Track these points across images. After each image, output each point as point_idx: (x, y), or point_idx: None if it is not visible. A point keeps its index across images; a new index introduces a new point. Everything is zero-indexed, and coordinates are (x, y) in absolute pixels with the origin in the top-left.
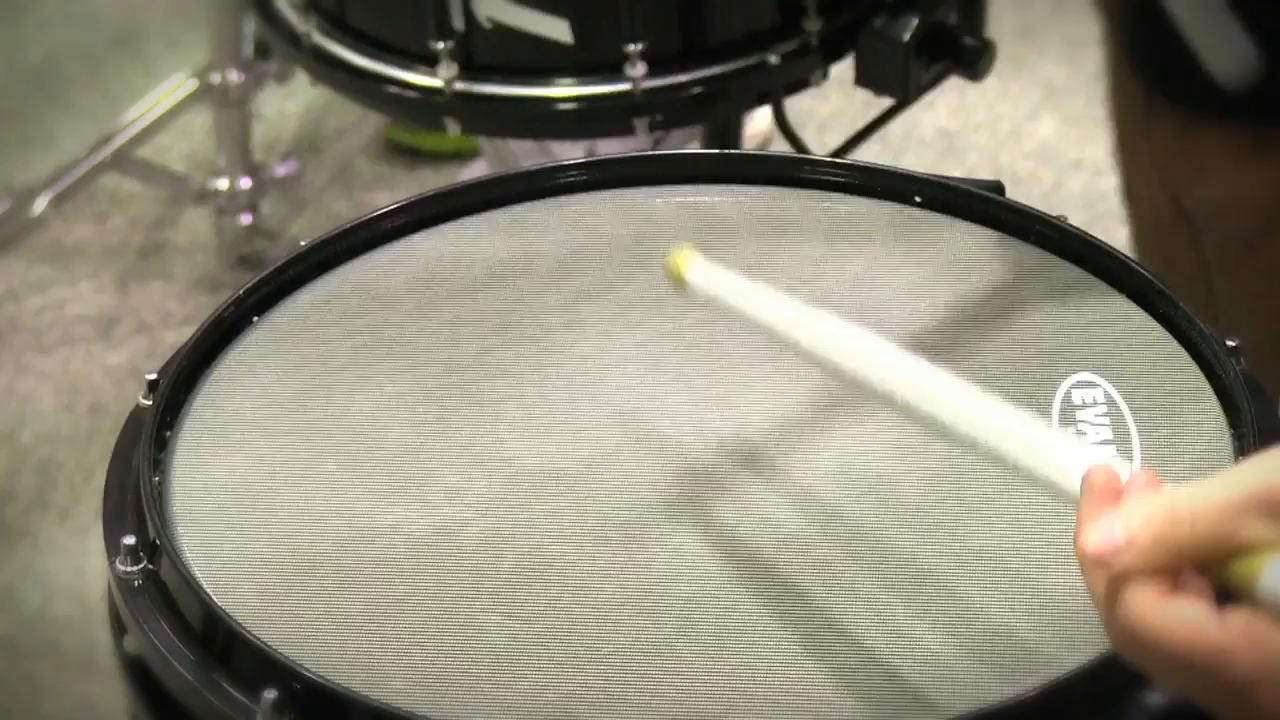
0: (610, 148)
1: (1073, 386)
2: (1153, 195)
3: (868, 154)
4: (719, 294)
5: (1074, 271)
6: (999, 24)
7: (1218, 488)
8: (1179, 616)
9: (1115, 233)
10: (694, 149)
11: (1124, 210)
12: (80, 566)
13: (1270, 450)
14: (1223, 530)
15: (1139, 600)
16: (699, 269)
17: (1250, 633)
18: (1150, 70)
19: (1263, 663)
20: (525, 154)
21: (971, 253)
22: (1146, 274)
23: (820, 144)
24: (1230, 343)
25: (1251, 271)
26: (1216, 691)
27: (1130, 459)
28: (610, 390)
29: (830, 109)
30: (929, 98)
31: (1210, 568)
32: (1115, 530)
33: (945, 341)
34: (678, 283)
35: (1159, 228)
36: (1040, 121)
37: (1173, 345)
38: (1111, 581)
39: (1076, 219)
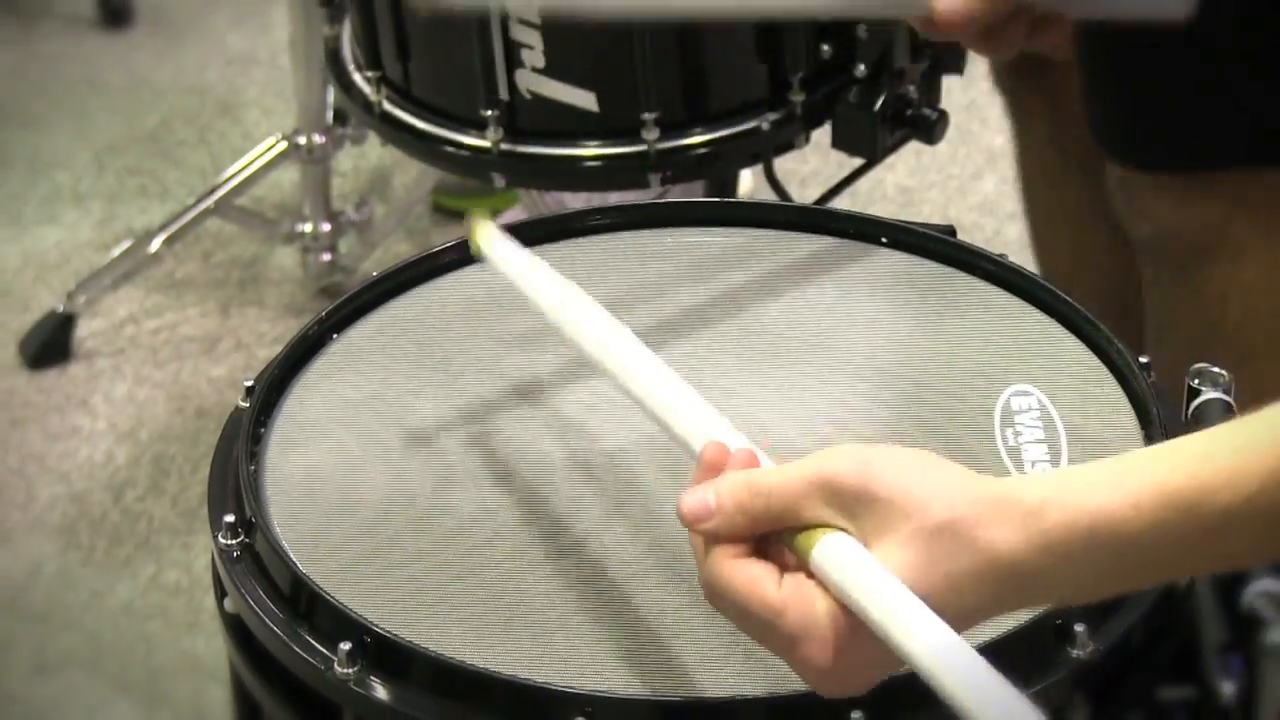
0: (627, 198)
1: (1011, 395)
2: (1076, 237)
3: (840, 204)
4: (508, 267)
5: (1013, 300)
6: (949, 98)
7: (793, 472)
8: (746, 575)
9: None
10: (698, 198)
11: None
12: (187, 543)
13: (844, 445)
14: (791, 507)
15: (718, 558)
16: (495, 241)
17: (799, 595)
18: (1102, 137)
19: (805, 620)
20: (556, 203)
21: (928, 284)
22: (1073, 303)
23: (801, 196)
24: (1142, 359)
25: (1183, 291)
26: (772, 640)
27: (1059, 456)
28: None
29: (810, 167)
30: (891, 159)
31: (783, 536)
32: (707, 497)
33: (904, 356)
34: (475, 249)
35: (1080, 265)
36: (983, 180)
37: (1095, 361)
38: (703, 541)
39: (1013, 259)
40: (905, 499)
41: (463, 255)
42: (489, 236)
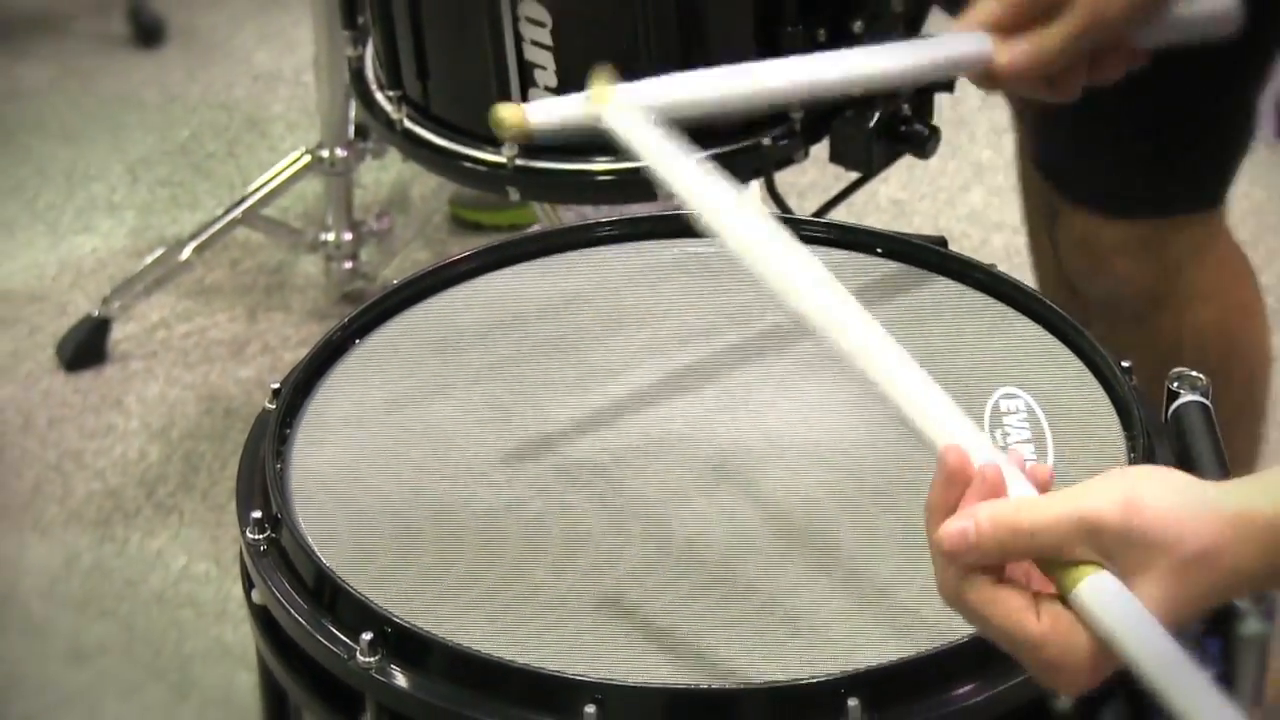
0: (634, 210)
1: (1000, 397)
2: (1048, 276)
3: (837, 216)
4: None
5: (1002, 307)
6: (940, 115)
7: (1055, 507)
8: (1008, 607)
9: (1029, 276)
10: None
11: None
12: (216, 535)
13: (1102, 479)
14: (1053, 546)
15: (976, 587)
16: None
17: (1058, 628)
18: (1055, 174)
19: (1064, 652)
20: (577, 215)
21: (921, 292)
22: (1060, 310)
23: (800, 208)
24: (1125, 364)
25: (1138, 339)
26: (1030, 664)
27: (1045, 455)
28: (635, 397)
29: (808, 180)
30: (885, 172)
31: (1042, 566)
32: (967, 530)
33: None
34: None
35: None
36: (971, 192)
37: (1079, 365)
38: (955, 569)
39: (1001, 268)
40: (1162, 535)
41: (478, 265)
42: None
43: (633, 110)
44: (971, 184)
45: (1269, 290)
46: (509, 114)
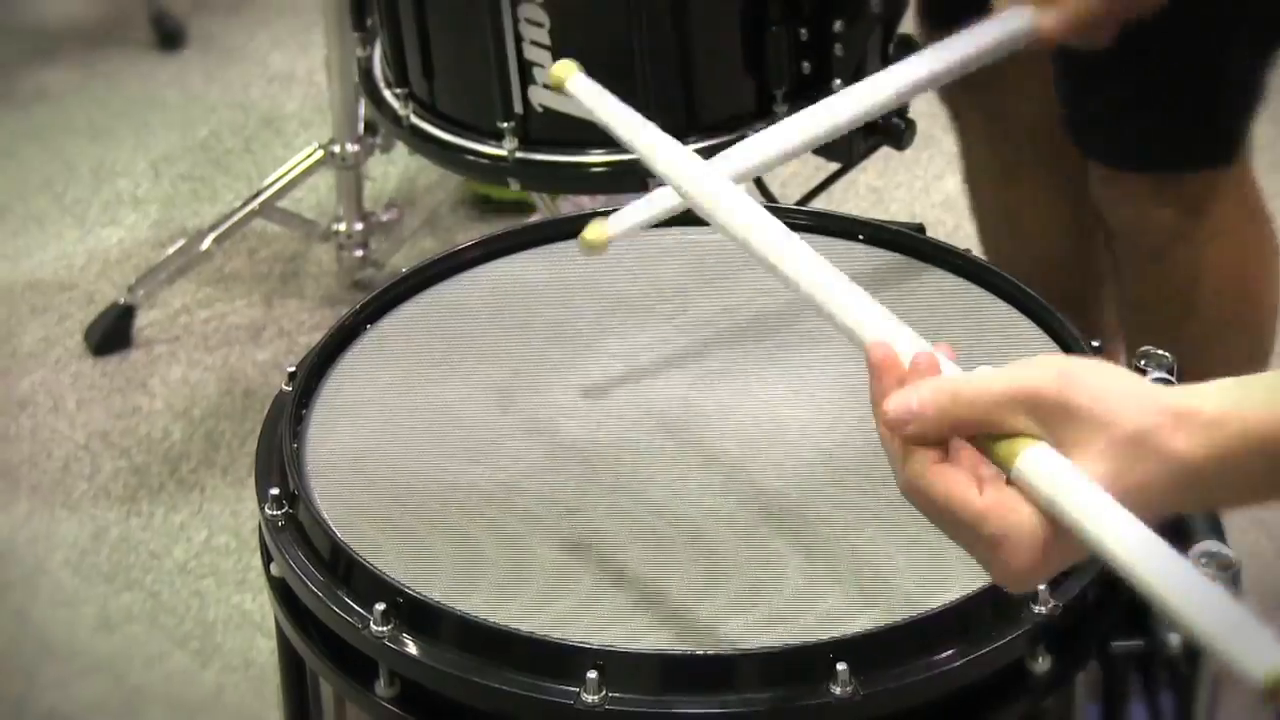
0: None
1: None
2: (1017, 232)
3: (819, 204)
4: (595, 106)
5: (977, 290)
6: (915, 108)
7: (994, 381)
8: (949, 482)
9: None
10: None
11: (992, 246)
12: (236, 509)
13: (1039, 356)
14: (992, 417)
15: (919, 462)
16: (580, 83)
17: (1000, 503)
18: (1078, 137)
19: (1006, 527)
20: (574, 205)
21: (901, 276)
22: (1031, 292)
23: (784, 196)
24: (1095, 343)
25: (1158, 277)
26: (973, 545)
27: None
28: (631, 379)
29: (791, 170)
30: (864, 163)
31: (978, 440)
32: (910, 402)
33: None
34: (557, 86)
35: (1022, 256)
36: (945, 180)
37: (1052, 345)
38: (901, 443)
39: (976, 252)
40: (1102, 411)
41: (483, 253)
42: (572, 75)
43: (592, 85)
44: (946, 173)
45: None
46: (595, 234)
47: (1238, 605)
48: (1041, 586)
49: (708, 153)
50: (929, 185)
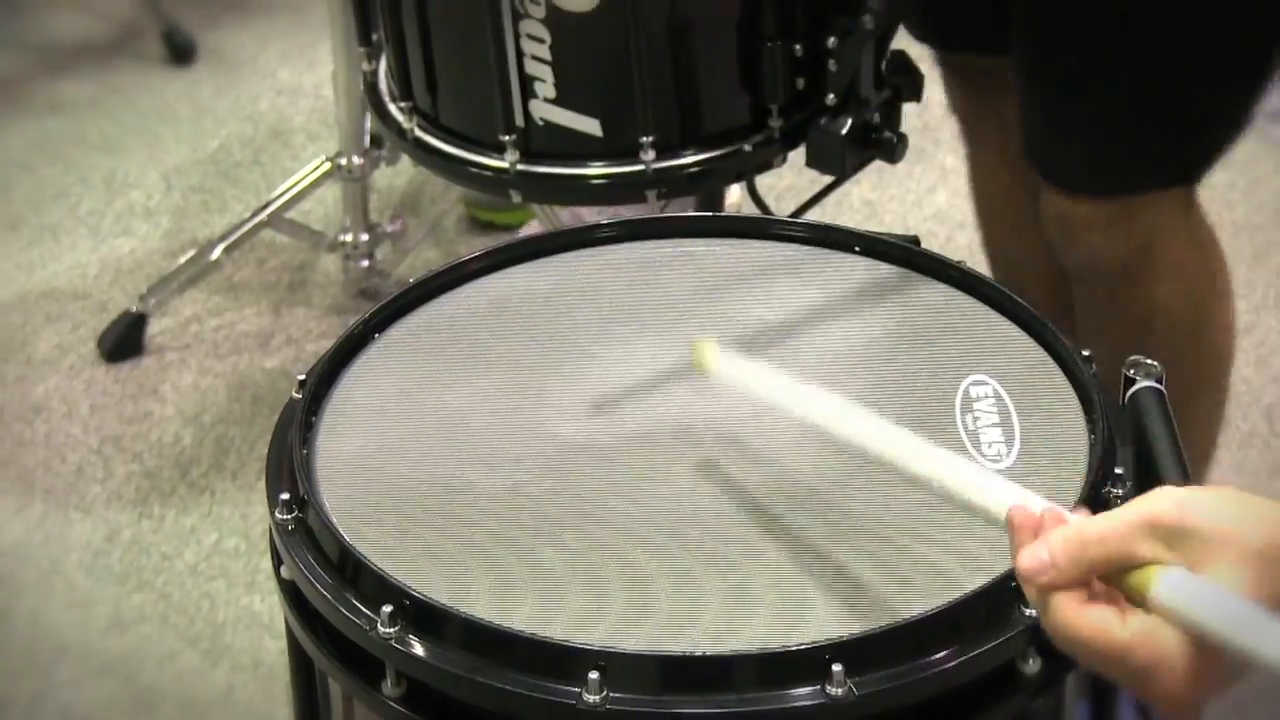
0: (627, 212)
1: (970, 384)
2: (1024, 257)
3: (813, 216)
4: (738, 377)
5: (971, 301)
6: (908, 122)
7: (1115, 516)
8: (1091, 620)
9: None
10: (690, 212)
11: (995, 265)
12: (245, 513)
13: (1159, 489)
14: (1121, 549)
15: (1061, 608)
16: (720, 359)
17: (1144, 632)
18: (1038, 161)
19: (1155, 654)
20: (573, 216)
21: (896, 286)
22: (1024, 304)
23: (779, 208)
24: (1085, 353)
25: (1111, 309)
26: (1125, 676)
27: (1013, 438)
28: (631, 384)
29: (786, 183)
30: (857, 176)
31: (1114, 579)
32: (1041, 554)
33: (877, 350)
34: (700, 368)
35: (1028, 266)
36: (936, 194)
37: (1043, 354)
38: (1040, 594)
39: (968, 264)
40: (1226, 527)
41: (487, 264)
42: (714, 355)
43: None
44: (938, 186)
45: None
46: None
47: None
48: None
49: (704, 164)
50: (921, 199)
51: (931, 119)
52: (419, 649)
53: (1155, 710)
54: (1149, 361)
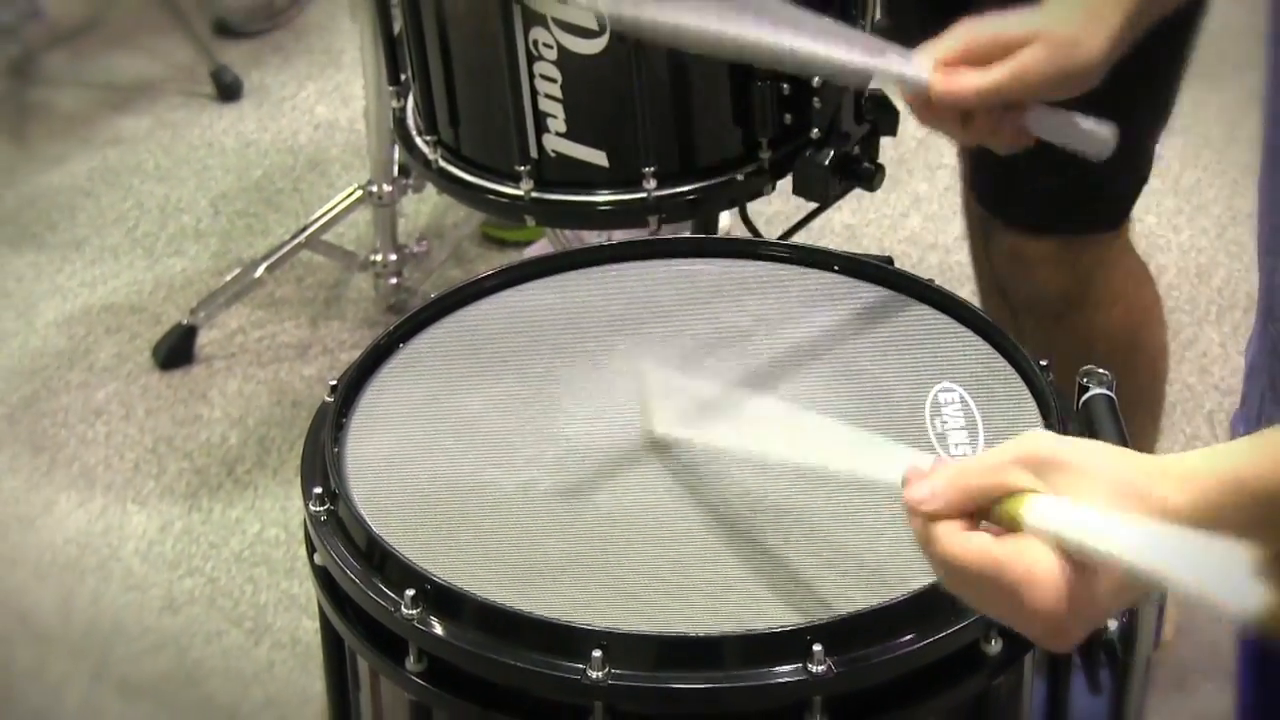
0: (630, 235)
1: (939, 391)
2: (985, 282)
3: (799, 239)
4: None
5: (940, 315)
6: (884, 154)
7: (992, 453)
8: (968, 542)
9: (959, 289)
10: (687, 235)
11: (979, 262)
12: (285, 506)
13: (1029, 432)
14: (997, 480)
15: (942, 533)
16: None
17: (1018, 550)
18: (989, 200)
19: (1028, 569)
20: (574, 236)
21: (872, 302)
22: (987, 318)
23: (767, 232)
24: (1043, 362)
25: (1056, 336)
26: (998, 596)
27: (977, 440)
28: (634, 392)
29: (774, 209)
30: (839, 203)
31: (991, 511)
32: (925, 486)
33: (854, 359)
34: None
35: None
36: (910, 218)
37: (1005, 364)
38: (925, 525)
39: (938, 283)
40: (1093, 464)
41: (502, 281)
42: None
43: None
44: (910, 212)
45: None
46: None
47: (1238, 556)
48: None
49: (700, 192)
50: (895, 223)
51: (905, 151)
52: (439, 629)
53: (1100, 684)
54: (1101, 371)
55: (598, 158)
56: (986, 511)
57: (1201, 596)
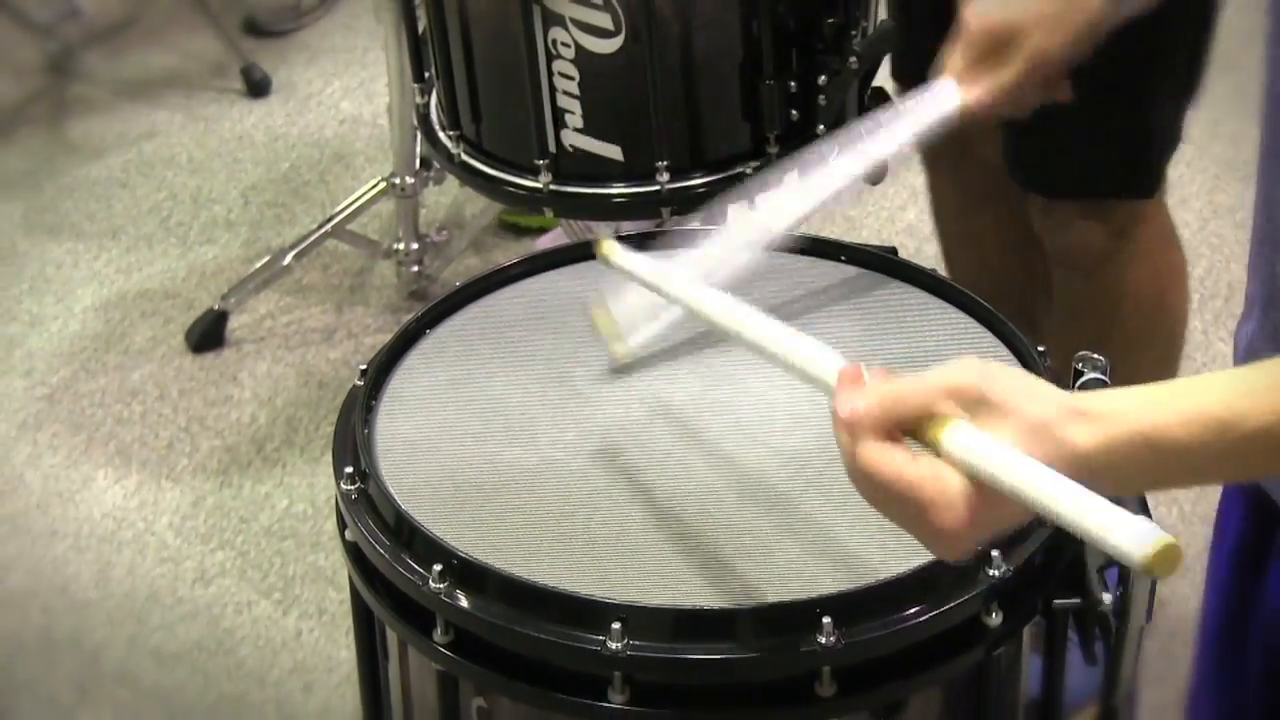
0: (643, 227)
1: None
2: (977, 267)
3: (803, 230)
4: (634, 269)
5: (942, 303)
6: None
7: (925, 378)
8: (890, 457)
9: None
10: (696, 226)
11: (956, 267)
12: (311, 482)
13: (964, 358)
14: (925, 403)
15: (867, 446)
16: (620, 253)
17: (933, 472)
18: (1021, 172)
19: (939, 489)
20: (584, 227)
21: (877, 290)
22: (988, 306)
23: None
24: (1040, 349)
25: (1088, 292)
26: (905, 510)
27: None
28: (649, 376)
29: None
30: None
31: (916, 430)
32: (857, 400)
33: (859, 343)
34: (604, 260)
35: (981, 276)
36: (907, 210)
37: (1005, 349)
38: (851, 436)
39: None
40: (1013, 402)
41: (525, 270)
42: (614, 250)
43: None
44: (908, 204)
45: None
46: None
47: (1122, 510)
48: (995, 552)
49: (711, 186)
50: (893, 215)
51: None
52: (465, 602)
53: (1095, 655)
54: (1096, 356)
55: (613, 152)
56: (909, 429)
57: (1091, 541)
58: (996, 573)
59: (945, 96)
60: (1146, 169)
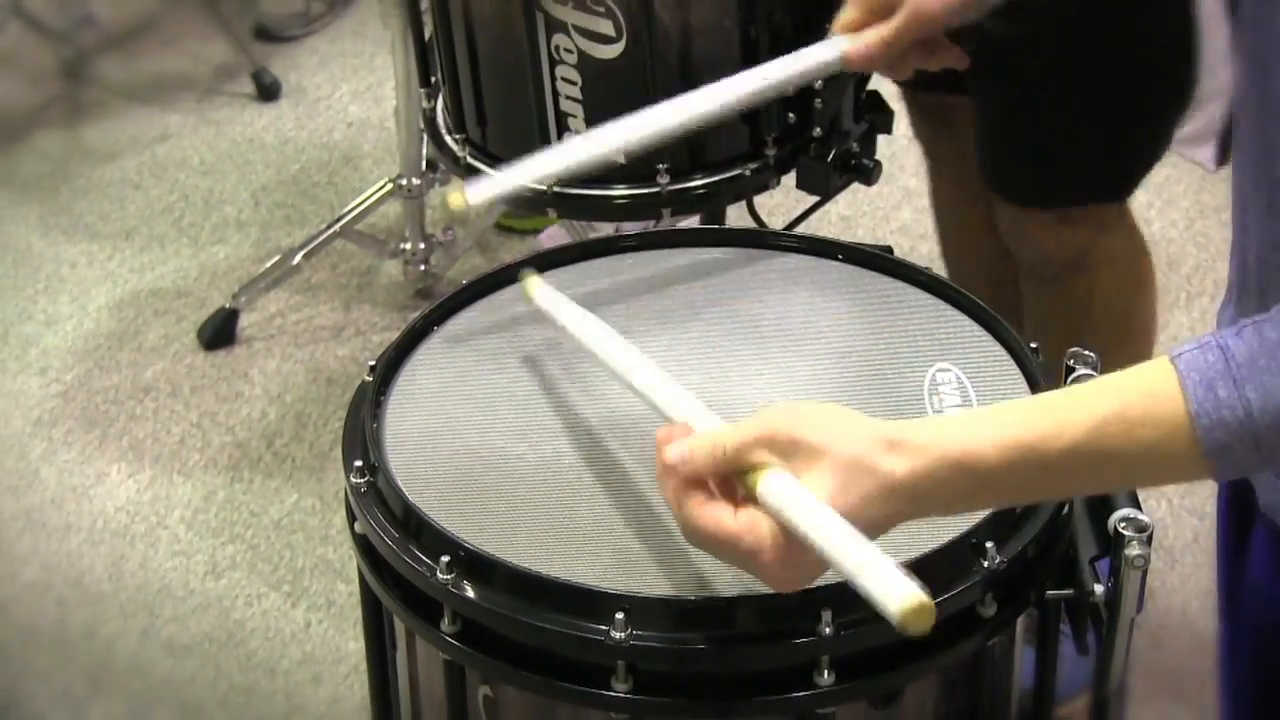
0: (644, 226)
1: (936, 371)
2: (975, 260)
3: (800, 230)
4: (554, 313)
5: (937, 301)
6: (878, 151)
7: (742, 428)
8: (710, 514)
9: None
10: (696, 226)
11: (951, 267)
12: (320, 477)
13: (779, 404)
14: (740, 455)
15: (690, 502)
16: (542, 292)
17: (750, 522)
18: (993, 181)
19: (756, 541)
20: (585, 226)
21: (873, 288)
22: (982, 304)
23: (770, 223)
24: (1033, 345)
25: (1057, 298)
26: (733, 559)
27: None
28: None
29: (776, 202)
30: (838, 196)
31: (737, 477)
32: (681, 450)
33: (856, 342)
34: (527, 298)
35: (978, 271)
36: (901, 211)
37: (998, 347)
38: (675, 488)
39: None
40: (826, 441)
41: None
42: (536, 287)
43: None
44: (902, 204)
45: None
46: (456, 199)
47: (894, 568)
48: (989, 544)
49: (710, 187)
50: (888, 215)
51: (897, 148)
52: (471, 593)
53: (1086, 645)
54: (1087, 353)
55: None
56: (732, 477)
57: (862, 593)
58: (990, 564)
59: (830, 45)
60: (1128, 178)
